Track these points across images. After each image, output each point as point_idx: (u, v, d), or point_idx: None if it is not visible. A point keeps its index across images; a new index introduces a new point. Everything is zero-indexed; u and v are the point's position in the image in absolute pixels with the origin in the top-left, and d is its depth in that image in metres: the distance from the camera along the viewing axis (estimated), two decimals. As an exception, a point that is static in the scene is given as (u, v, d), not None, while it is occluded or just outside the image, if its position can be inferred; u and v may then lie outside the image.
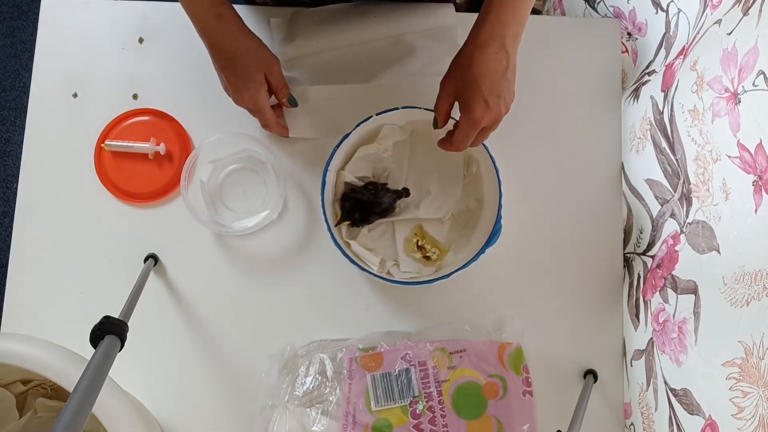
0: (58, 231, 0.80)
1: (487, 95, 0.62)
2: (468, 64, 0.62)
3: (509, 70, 0.63)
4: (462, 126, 0.65)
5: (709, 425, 0.58)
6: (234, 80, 0.70)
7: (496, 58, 0.61)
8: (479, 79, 0.62)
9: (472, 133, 0.65)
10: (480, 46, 0.62)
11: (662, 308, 0.69)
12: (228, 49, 0.68)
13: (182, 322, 0.79)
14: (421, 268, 0.78)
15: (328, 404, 0.74)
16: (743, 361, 0.53)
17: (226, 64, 0.69)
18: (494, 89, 0.62)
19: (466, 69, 0.63)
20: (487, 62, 0.61)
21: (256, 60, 0.70)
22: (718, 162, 0.60)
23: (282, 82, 0.74)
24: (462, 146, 0.67)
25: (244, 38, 0.69)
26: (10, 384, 0.73)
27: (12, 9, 1.67)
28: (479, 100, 0.62)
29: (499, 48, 0.61)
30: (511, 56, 0.63)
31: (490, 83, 0.62)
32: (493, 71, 0.62)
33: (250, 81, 0.69)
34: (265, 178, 0.81)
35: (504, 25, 0.61)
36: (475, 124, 0.64)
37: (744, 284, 0.54)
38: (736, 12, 0.59)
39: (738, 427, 0.53)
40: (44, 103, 0.83)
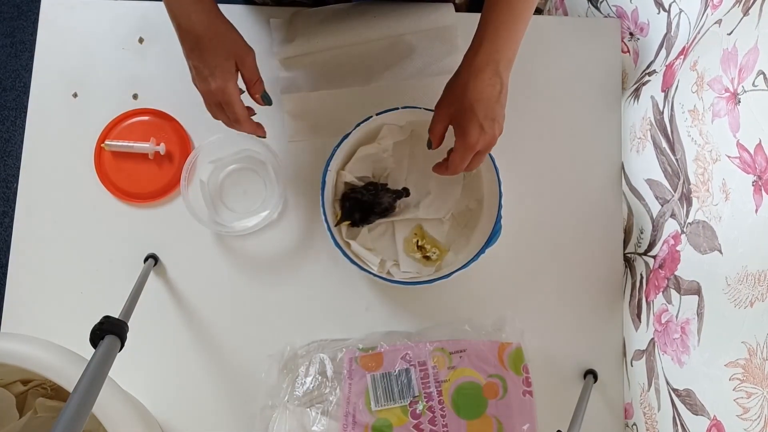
0: (58, 231, 0.80)
1: (482, 120, 0.63)
2: (463, 89, 0.63)
3: (503, 94, 0.64)
4: (458, 150, 0.66)
5: (715, 425, 0.58)
6: (201, 67, 0.63)
7: (491, 83, 0.63)
8: (474, 105, 0.63)
9: (467, 156, 0.66)
10: (475, 72, 0.63)
11: (665, 309, 0.69)
12: (196, 30, 0.62)
13: (182, 322, 0.79)
14: (421, 268, 0.78)
15: (328, 404, 0.74)
16: (747, 362, 0.53)
17: (193, 47, 0.63)
18: (489, 114, 0.63)
19: (461, 95, 0.64)
20: (482, 88, 0.63)
21: (226, 45, 0.64)
22: (718, 162, 0.60)
23: (256, 75, 0.68)
24: (458, 170, 0.67)
25: (215, 20, 0.63)
26: (10, 384, 0.73)
27: (12, 9, 1.67)
28: (475, 124, 0.63)
29: (493, 74, 0.62)
30: (505, 81, 0.64)
31: (485, 108, 0.63)
32: (487, 96, 0.63)
33: (218, 68, 0.63)
34: (265, 178, 0.81)
35: (498, 51, 0.62)
36: (471, 148, 0.65)
37: (747, 285, 0.54)
38: (737, 12, 0.59)
39: (744, 427, 0.53)
40: (44, 103, 0.83)
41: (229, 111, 0.66)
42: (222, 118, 0.68)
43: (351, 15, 0.82)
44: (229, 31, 0.65)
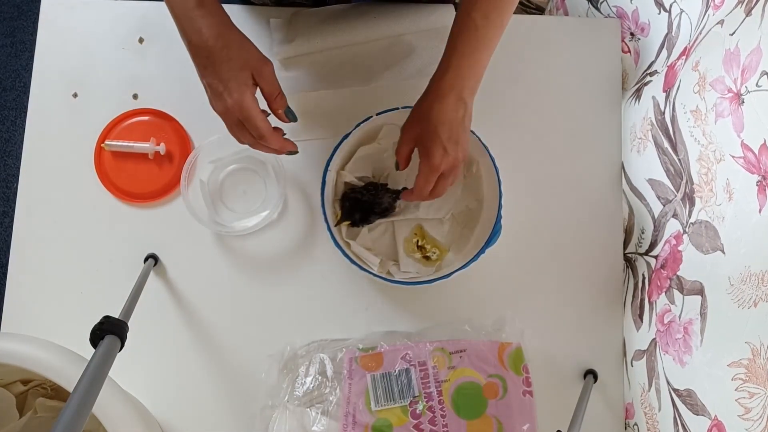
0: (58, 231, 0.80)
1: (445, 142, 0.64)
2: (428, 112, 0.65)
3: (466, 118, 0.66)
4: (422, 172, 0.67)
5: (716, 425, 0.58)
6: (216, 83, 0.59)
7: (454, 108, 0.64)
8: (438, 127, 0.64)
9: (432, 178, 0.67)
10: (439, 96, 0.64)
11: (668, 309, 0.69)
12: (207, 44, 0.58)
13: (182, 322, 0.79)
14: (421, 268, 0.78)
15: (328, 404, 0.74)
16: (750, 362, 0.53)
17: (206, 63, 0.59)
18: (452, 136, 0.65)
19: (426, 117, 0.65)
20: (446, 111, 0.64)
21: (241, 57, 0.60)
22: (722, 162, 0.60)
23: (276, 88, 0.63)
24: (424, 193, 0.68)
25: (226, 32, 0.60)
26: (10, 384, 0.72)
27: (12, 9, 1.67)
28: (438, 146, 0.65)
29: (457, 99, 0.64)
30: (469, 106, 0.65)
31: (448, 131, 0.64)
32: (450, 119, 0.64)
33: (232, 80, 0.59)
34: (265, 178, 0.81)
35: (462, 78, 0.64)
36: (435, 170, 0.66)
37: (751, 285, 0.54)
38: (739, 12, 0.59)
39: (745, 427, 0.53)
40: (44, 103, 0.83)
41: (251, 126, 0.61)
42: (246, 138, 0.63)
43: (351, 15, 0.82)
44: (242, 41, 0.61)
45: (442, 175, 0.67)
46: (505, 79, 0.85)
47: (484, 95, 0.83)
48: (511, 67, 0.85)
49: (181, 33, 0.60)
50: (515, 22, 0.87)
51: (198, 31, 0.59)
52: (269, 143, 0.63)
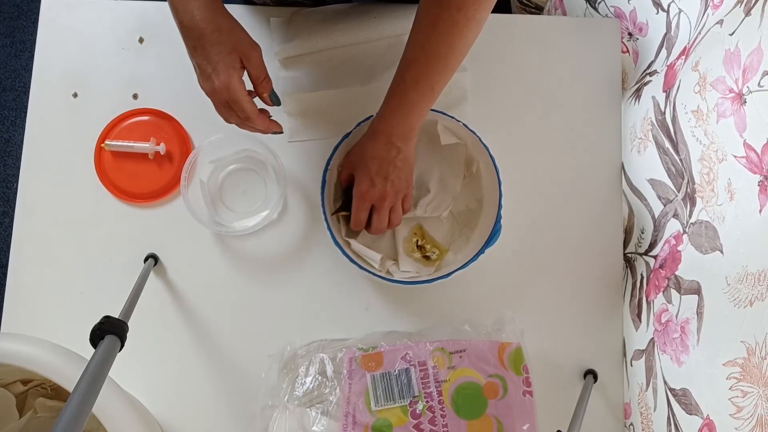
0: (58, 231, 0.80)
1: (373, 175, 0.70)
2: (362, 148, 0.71)
3: (399, 159, 0.69)
4: (353, 198, 0.73)
5: (707, 425, 0.58)
6: (204, 64, 0.61)
7: (386, 148, 0.69)
8: (368, 162, 0.70)
9: (360, 206, 0.72)
10: (372, 137, 0.69)
11: (665, 308, 0.69)
12: (198, 25, 0.60)
13: (182, 322, 0.79)
14: (420, 267, 0.78)
15: (328, 404, 0.74)
16: (745, 361, 0.53)
17: (196, 44, 0.61)
18: (381, 171, 0.70)
19: (360, 152, 0.71)
20: (377, 150, 0.69)
21: (230, 40, 0.62)
22: (724, 162, 0.60)
23: (263, 72, 0.65)
24: (357, 221, 0.73)
25: (218, 16, 0.61)
26: (10, 384, 0.72)
27: (12, 9, 1.67)
28: (366, 177, 0.70)
29: (388, 142, 0.68)
30: (402, 148, 0.69)
31: (378, 165, 0.69)
32: (381, 156, 0.69)
33: (221, 63, 0.61)
34: (265, 178, 0.81)
35: (391, 126, 0.68)
36: (361, 198, 0.72)
37: (747, 284, 0.54)
38: (738, 12, 0.59)
39: (735, 426, 0.53)
40: (44, 103, 0.83)
41: (237, 108, 0.64)
42: (233, 119, 0.66)
43: (351, 15, 0.82)
44: (233, 26, 0.63)
45: (374, 207, 0.72)
46: (504, 78, 0.85)
47: (484, 95, 0.84)
48: (510, 67, 0.85)
49: (174, 14, 0.61)
50: (514, 21, 0.87)
51: (190, 13, 0.60)
52: (255, 124, 0.66)
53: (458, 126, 0.75)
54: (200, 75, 0.63)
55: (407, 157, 0.70)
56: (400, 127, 0.68)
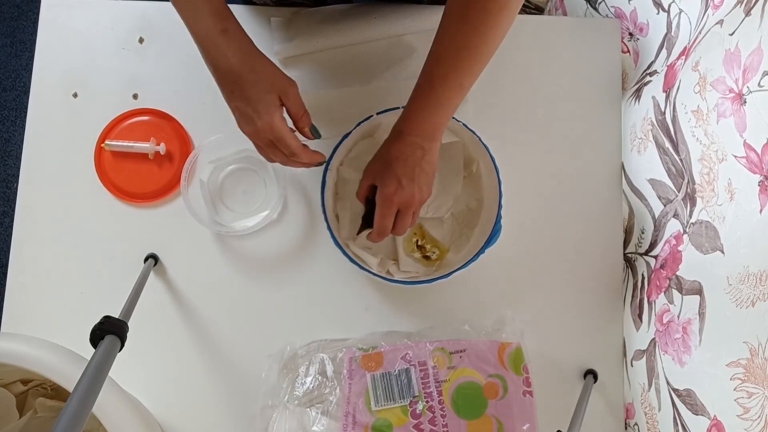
0: (58, 231, 0.80)
1: (400, 176, 0.66)
2: (386, 150, 0.67)
3: (425, 161, 0.66)
4: (378, 205, 0.68)
5: (715, 425, 0.58)
6: (244, 106, 0.61)
7: (411, 149, 0.66)
8: (393, 162, 0.66)
9: (388, 211, 0.68)
10: (396, 138, 0.66)
11: (667, 309, 0.69)
12: (234, 68, 0.60)
13: (182, 322, 0.79)
14: (420, 267, 0.78)
15: (328, 404, 0.74)
16: (748, 362, 0.53)
17: (234, 87, 0.61)
18: (407, 173, 0.66)
19: (384, 154, 0.68)
20: (402, 150, 0.66)
21: (267, 79, 0.62)
22: (724, 162, 0.60)
23: (302, 108, 0.66)
24: (383, 229, 0.69)
25: (252, 56, 0.62)
26: (10, 384, 0.72)
27: (12, 9, 1.67)
28: (392, 178, 0.66)
29: (413, 142, 0.65)
30: (428, 150, 0.66)
31: (403, 167, 0.66)
32: (406, 157, 0.66)
33: (261, 103, 0.61)
34: (265, 178, 0.81)
35: (417, 127, 0.65)
36: (388, 200, 0.67)
37: (749, 285, 0.54)
38: (738, 12, 0.59)
39: (744, 427, 0.53)
40: (44, 103, 0.83)
41: (282, 146, 0.64)
42: (278, 157, 0.66)
43: (352, 15, 0.83)
44: (267, 65, 0.63)
45: (399, 212, 0.68)
46: (505, 78, 0.85)
47: (484, 94, 0.84)
48: (511, 67, 0.85)
49: (206, 58, 0.62)
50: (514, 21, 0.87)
51: (225, 57, 0.60)
52: (301, 159, 0.66)
53: (458, 126, 0.75)
54: (240, 118, 0.63)
55: (432, 160, 0.67)
56: (427, 126, 0.65)
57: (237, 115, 0.63)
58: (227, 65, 0.60)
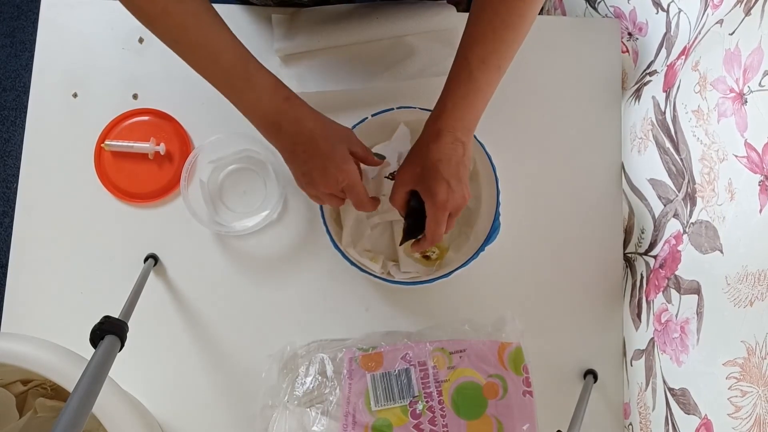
0: (58, 231, 0.80)
1: (448, 178, 0.63)
2: (425, 151, 0.64)
3: (466, 156, 0.64)
4: (431, 214, 0.65)
5: (704, 425, 0.58)
6: (318, 160, 0.63)
7: (452, 147, 0.63)
8: (438, 164, 0.63)
9: (442, 218, 0.64)
10: (435, 135, 0.63)
11: (665, 308, 0.69)
12: (307, 128, 0.62)
13: (182, 322, 0.79)
14: (420, 268, 0.78)
15: (328, 404, 0.74)
16: (745, 361, 0.53)
17: (307, 148, 0.63)
18: (454, 173, 0.63)
19: (424, 156, 0.64)
20: (444, 149, 0.63)
21: (336, 131, 0.65)
22: (725, 161, 0.60)
23: (365, 147, 0.69)
24: (437, 237, 0.66)
25: (317, 114, 0.64)
26: (10, 384, 0.72)
27: (12, 9, 1.67)
28: (442, 183, 0.63)
29: (454, 139, 0.63)
30: (467, 145, 0.64)
31: (448, 167, 0.63)
32: (449, 157, 0.63)
33: (338, 154, 0.64)
34: (265, 178, 0.81)
35: (457, 120, 0.63)
36: (442, 208, 0.64)
37: (747, 284, 0.54)
38: (738, 12, 0.59)
39: (733, 426, 0.53)
40: (44, 103, 0.83)
41: (354, 194, 0.67)
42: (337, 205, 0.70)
43: (353, 15, 0.83)
44: (329, 120, 0.65)
45: (449, 215, 0.65)
46: (504, 78, 0.84)
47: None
48: (510, 67, 0.85)
49: (270, 130, 0.63)
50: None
51: (297, 121, 0.62)
52: (365, 208, 0.70)
53: None
54: (314, 170, 0.64)
55: (470, 154, 0.65)
56: (467, 118, 0.63)
57: (305, 168, 0.65)
58: (300, 128, 0.62)
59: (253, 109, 0.62)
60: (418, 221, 0.68)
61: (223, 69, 0.60)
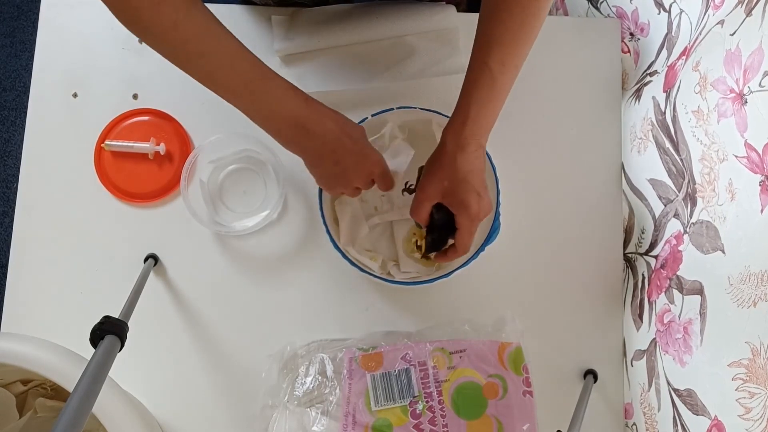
0: (58, 231, 0.80)
1: (478, 189, 0.64)
2: (452, 164, 0.64)
3: (482, 161, 0.65)
4: (463, 226, 0.66)
5: (716, 425, 0.58)
6: (350, 157, 0.65)
7: (476, 155, 0.64)
8: (468, 176, 0.63)
9: (474, 229, 0.66)
10: (461, 146, 0.63)
11: (668, 309, 0.69)
12: (330, 128, 0.63)
13: (182, 322, 0.79)
14: (420, 268, 0.78)
15: (328, 404, 0.74)
16: (750, 362, 0.53)
17: (335, 146, 0.63)
18: (480, 183, 0.65)
19: (451, 168, 0.64)
20: (471, 160, 0.63)
21: (353, 128, 0.66)
22: (725, 162, 0.60)
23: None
24: (468, 247, 0.67)
25: (335, 112, 0.65)
26: (10, 384, 0.72)
27: (12, 9, 1.67)
28: (473, 194, 0.64)
29: (478, 146, 0.64)
30: (484, 149, 0.65)
31: (476, 178, 0.64)
32: (476, 167, 0.64)
33: (365, 147, 0.66)
34: (265, 178, 0.81)
35: (481, 126, 0.63)
36: (475, 219, 0.65)
37: (750, 285, 0.54)
38: (739, 13, 0.59)
39: (746, 427, 0.53)
40: (44, 103, 0.83)
41: (386, 179, 0.70)
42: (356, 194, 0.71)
43: (353, 15, 0.82)
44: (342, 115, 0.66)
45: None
46: (505, 79, 0.85)
47: (484, 95, 0.84)
48: (511, 67, 0.85)
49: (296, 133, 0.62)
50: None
51: (321, 122, 0.63)
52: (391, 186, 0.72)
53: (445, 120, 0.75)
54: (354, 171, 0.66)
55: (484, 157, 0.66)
56: (489, 122, 0.63)
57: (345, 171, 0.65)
58: (327, 127, 0.63)
59: (275, 114, 0.61)
60: (443, 233, 0.69)
61: (241, 75, 0.59)
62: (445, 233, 0.69)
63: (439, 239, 0.70)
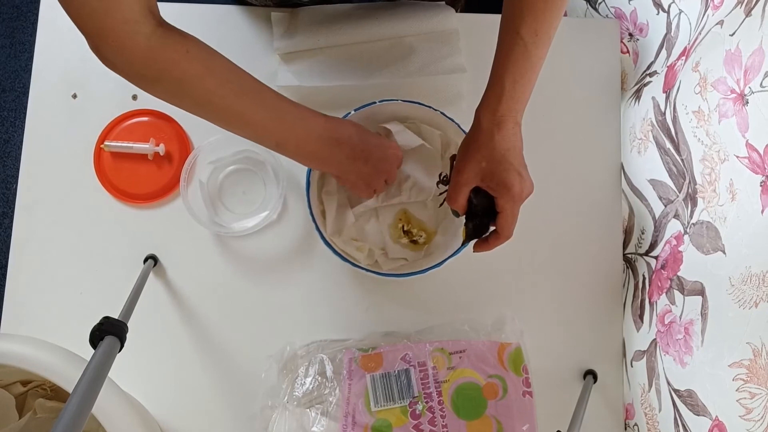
0: (57, 231, 0.80)
1: (518, 168, 0.60)
2: (489, 142, 0.60)
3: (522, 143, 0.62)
4: (506, 209, 0.61)
5: (717, 426, 0.58)
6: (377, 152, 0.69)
7: (513, 132, 0.60)
8: (507, 154, 0.59)
9: (517, 211, 0.61)
10: (498, 124, 0.59)
11: (669, 310, 0.69)
12: (351, 132, 0.67)
13: (182, 322, 0.79)
14: (408, 253, 0.77)
15: (327, 405, 0.74)
16: (751, 363, 0.53)
17: (364, 147, 0.67)
18: (522, 161, 0.61)
19: (489, 148, 0.60)
20: (509, 138, 0.60)
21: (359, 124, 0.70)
22: (726, 162, 0.60)
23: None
24: (511, 232, 0.62)
25: (352, 122, 0.69)
26: (9, 385, 0.72)
27: (12, 9, 1.67)
28: (514, 174, 0.60)
29: (515, 123, 0.60)
30: (520, 125, 0.62)
31: (516, 156, 0.60)
32: (515, 145, 0.60)
33: (381, 140, 0.70)
34: (265, 178, 0.81)
35: (517, 101, 0.60)
36: (518, 200, 0.61)
37: (752, 285, 0.54)
38: (739, 13, 0.59)
39: (747, 428, 0.53)
40: (44, 104, 0.83)
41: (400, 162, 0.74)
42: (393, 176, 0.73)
43: (353, 15, 0.83)
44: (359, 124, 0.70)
45: None
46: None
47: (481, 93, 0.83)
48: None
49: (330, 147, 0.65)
50: None
51: (344, 129, 0.66)
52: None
53: (437, 115, 0.75)
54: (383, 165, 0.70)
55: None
56: (525, 98, 0.60)
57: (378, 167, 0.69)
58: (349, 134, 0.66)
59: (308, 137, 0.64)
60: (484, 219, 0.64)
61: (272, 108, 0.61)
62: (486, 219, 0.64)
63: (481, 225, 0.64)
